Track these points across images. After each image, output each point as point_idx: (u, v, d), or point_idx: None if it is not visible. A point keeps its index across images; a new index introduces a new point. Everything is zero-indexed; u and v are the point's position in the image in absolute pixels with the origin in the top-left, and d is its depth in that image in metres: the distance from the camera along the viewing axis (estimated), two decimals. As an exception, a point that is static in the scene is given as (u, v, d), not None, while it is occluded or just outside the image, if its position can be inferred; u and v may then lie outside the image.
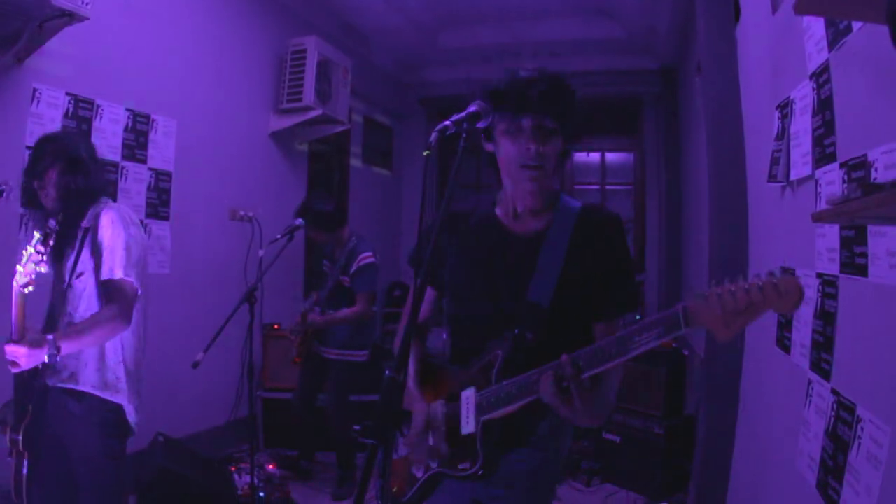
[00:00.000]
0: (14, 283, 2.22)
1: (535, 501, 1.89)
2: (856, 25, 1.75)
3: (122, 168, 4.15)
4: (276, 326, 5.24)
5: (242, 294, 3.70)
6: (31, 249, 2.20)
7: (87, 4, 3.33)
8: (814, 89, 2.11)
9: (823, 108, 2.02)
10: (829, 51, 1.95)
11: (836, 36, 1.90)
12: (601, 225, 1.85)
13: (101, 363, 2.51)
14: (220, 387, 4.97)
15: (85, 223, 2.54)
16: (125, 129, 4.19)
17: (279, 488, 4.18)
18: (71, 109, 3.81)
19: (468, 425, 1.75)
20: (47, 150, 2.56)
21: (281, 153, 5.86)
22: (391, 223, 8.20)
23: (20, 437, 2.46)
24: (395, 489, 1.95)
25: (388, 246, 7.82)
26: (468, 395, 1.77)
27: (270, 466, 4.47)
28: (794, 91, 2.32)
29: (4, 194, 2.46)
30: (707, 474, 3.41)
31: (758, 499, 2.76)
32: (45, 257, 2.21)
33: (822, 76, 2.03)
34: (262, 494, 3.95)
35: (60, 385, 2.47)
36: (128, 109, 4.20)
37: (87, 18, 3.40)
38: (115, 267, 2.47)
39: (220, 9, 5.04)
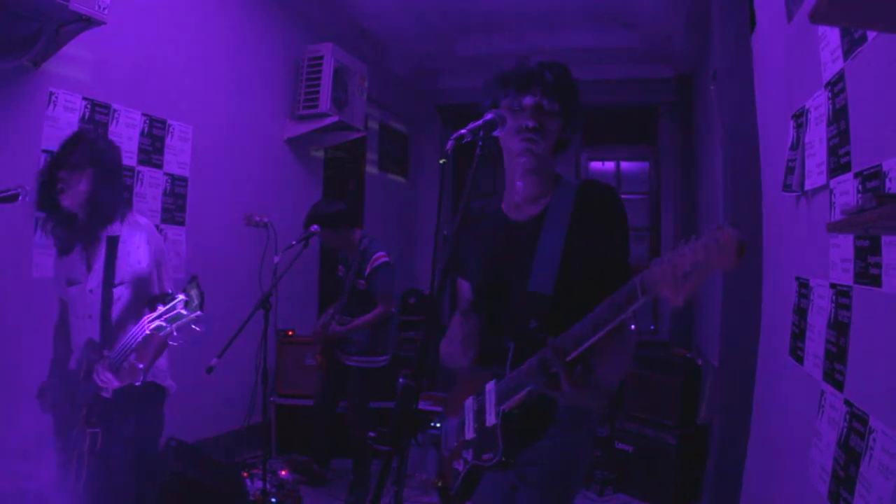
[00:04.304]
0: (157, 329, 2.34)
1: (563, 478, 1.90)
2: (871, 35, 1.75)
3: (138, 173, 4.20)
4: (290, 332, 5.26)
5: (257, 300, 3.72)
6: (187, 314, 2.32)
7: (104, 9, 3.36)
8: (829, 98, 2.10)
9: (838, 117, 2.02)
10: (844, 60, 1.95)
11: (851, 45, 1.89)
12: (598, 195, 1.88)
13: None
14: (233, 392, 4.96)
15: (109, 232, 2.63)
16: (141, 134, 4.23)
17: (291, 494, 4.19)
18: (87, 114, 3.85)
19: (490, 417, 1.80)
20: (83, 151, 2.63)
21: (297, 159, 5.89)
22: (407, 230, 8.21)
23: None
24: (439, 483, 2.03)
25: (404, 253, 7.83)
26: (490, 388, 1.82)
27: (283, 472, 4.48)
28: (810, 100, 2.31)
29: (21, 197, 2.50)
30: (720, 484, 3.39)
31: (770, 509, 2.75)
32: (198, 323, 2.37)
33: (837, 85, 2.02)
34: (274, 500, 3.96)
35: None
36: (144, 114, 4.24)
37: (105, 23, 3.43)
38: (165, 282, 2.66)
39: (237, 15, 5.09)
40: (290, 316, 5.23)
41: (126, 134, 4.12)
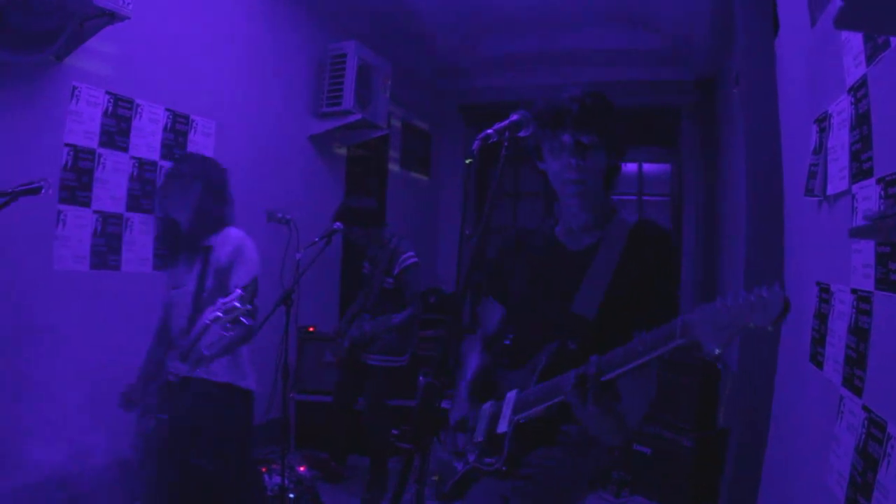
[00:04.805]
0: (215, 319, 2.50)
1: (554, 497, 1.90)
2: (893, 41, 1.74)
3: (161, 167, 4.22)
4: (310, 329, 5.29)
5: (278, 296, 3.74)
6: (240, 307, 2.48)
7: (128, 4, 3.38)
8: (852, 104, 2.10)
9: (861, 122, 2.01)
10: (867, 65, 1.94)
11: (874, 50, 1.89)
12: (653, 242, 1.90)
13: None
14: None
15: (208, 242, 2.92)
16: (164, 129, 4.26)
17: (309, 490, 4.21)
18: (110, 108, 3.89)
19: (502, 424, 1.83)
20: (192, 166, 2.99)
21: (320, 157, 5.92)
22: (428, 229, 8.21)
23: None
24: (436, 478, 2.05)
25: (426, 252, 7.84)
26: (510, 397, 1.85)
27: (301, 468, 4.50)
28: (832, 105, 2.31)
29: (43, 190, 2.57)
30: (737, 488, 3.38)
31: (787, 514, 2.74)
32: (248, 316, 2.53)
33: (859, 90, 2.02)
34: (291, 496, 3.98)
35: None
36: (167, 109, 4.27)
37: (129, 18, 3.46)
38: (242, 281, 2.84)
39: (261, 12, 5.12)
40: (312, 312, 5.25)
41: (149, 129, 4.16)
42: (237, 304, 2.46)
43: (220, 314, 2.48)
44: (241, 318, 2.50)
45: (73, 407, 3.61)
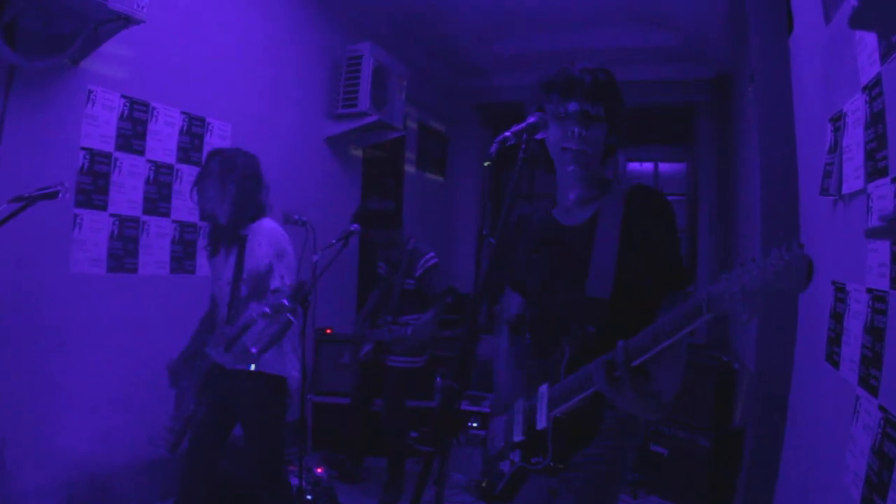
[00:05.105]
0: (263, 315, 2.69)
1: (606, 485, 1.91)
2: (908, 39, 1.74)
3: (177, 171, 4.26)
4: (328, 331, 5.30)
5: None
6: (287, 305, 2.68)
7: (142, 8, 3.40)
8: (866, 102, 2.09)
9: (876, 121, 2.00)
10: (882, 63, 1.93)
11: (888, 49, 1.88)
12: (646, 200, 1.90)
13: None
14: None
15: (245, 231, 3.03)
16: (180, 132, 4.29)
17: (327, 492, 4.22)
18: (126, 112, 3.92)
19: (541, 420, 1.81)
20: (222, 161, 3.09)
21: (336, 158, 5.94)
22: (444, 230, 8.21)
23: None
24: (483, 483, 2.04)
25: (442, 253, 7.81)
26: (543, 392, 1.83)
27: (319, 470, 4.51)
28: (847, 103, 2.29)
29: (60, 195, 2.60)
30: (753, 488, 3.37)
31: (803, 514, 2.73)
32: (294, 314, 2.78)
33: (874, 89, 2.01)
34: (309, 497, 3.99)
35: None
36: (183, 112, 4.30)
37: (143, 22, 3.48)
38: (286, 274, 2.97)
39: (276, 14, 5.15)
40: (329, 314, 5.28)
41: (165, 132, 4.18)
42: (286, 303, 2.59)
43: (268, 310, 2.61)
44: (289, 317, 2.67)
45: (93, 407, 3.66)
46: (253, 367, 2.86)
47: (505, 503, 1.99)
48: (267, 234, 3.03)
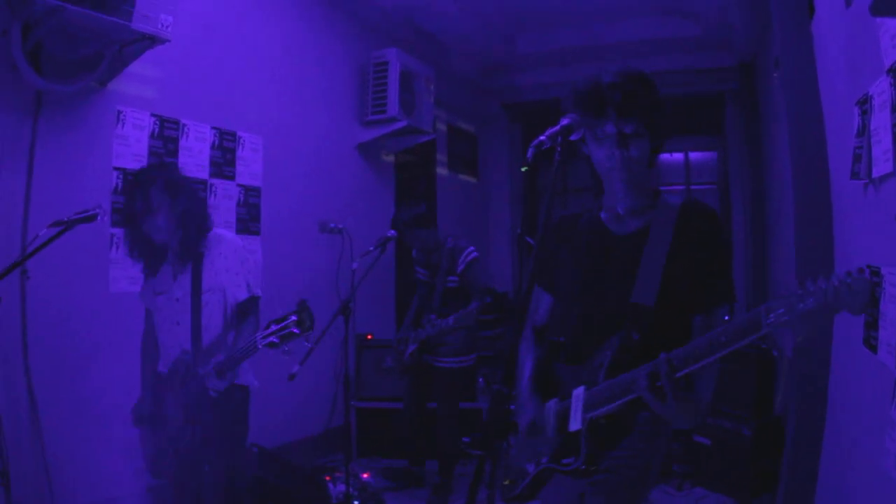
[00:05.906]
0: (270, 345, 2.59)
1: (635, 487, 1.92)
2: (928, 21, 1.74)
3: (211, 185, 4.33)
4: (369, 336, 5.33)
5: (335, 305, 3.79)
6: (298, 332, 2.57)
7: (167, 27, 3.41)
8: (891, 85, 2.09)
9: (901, 104, 2.00)
10: (904, 46, 1.94)
11: (910, 32, 1.88)
12: (701, 220, 1.90)
13: None
14: (313, 397, 5.05)
15: (201, 248, 2.88)
16: (212, 147, 4.35)
17: (374, 497, 4.24)
18: (157, 130, 3.97)
19: (575, 422, 1.82)
20: (156, 187, 2.81)
21: (368, 165, 5.99)
22: (478, 230, 8.19)
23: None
24: (507, 482, 2.04)
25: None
26: (578, 394, 1.83)
27: (365, 475, 4.54)
28: (872, 86, 2.29)
29: (99, 217, 2.66)
30: (795, 475, 3.35)
31: (844, 498, 2.72)
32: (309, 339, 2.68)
33: (898, 72, 2.01)
34: (356, 503, 4.04)
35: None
36: (213, 128, 4.35)
37: (168, 41, 3.51)
38: (252, 281, 2.91)
39: (300, 24, 5.20)
40: (368, 319, 5.32)
41: (196, 147, 4.24)
42: (295, 331, 2.51)
43: (275, 340, 2.52)
44: (305, 342, 2.63)
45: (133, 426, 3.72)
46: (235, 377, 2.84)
47: (525, 503, 2.00)
48: (226, 244, 2.94)
